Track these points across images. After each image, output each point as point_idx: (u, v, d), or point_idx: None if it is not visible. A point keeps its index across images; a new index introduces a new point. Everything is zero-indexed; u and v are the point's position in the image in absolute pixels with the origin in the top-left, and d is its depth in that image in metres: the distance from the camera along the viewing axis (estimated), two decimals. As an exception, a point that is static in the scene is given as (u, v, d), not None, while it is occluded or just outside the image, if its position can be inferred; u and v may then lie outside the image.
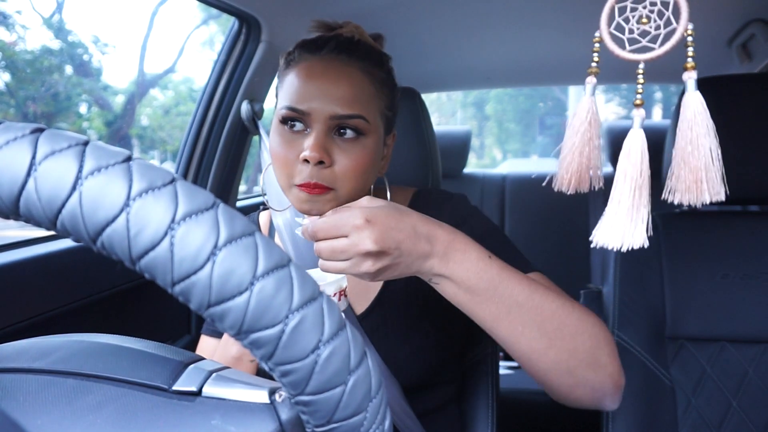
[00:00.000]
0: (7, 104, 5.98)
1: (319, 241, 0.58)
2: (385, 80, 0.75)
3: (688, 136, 0.35)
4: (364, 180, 0.72)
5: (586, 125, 0.36)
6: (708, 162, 0.35)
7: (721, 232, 1.00)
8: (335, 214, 0.58)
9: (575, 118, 0.37)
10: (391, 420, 0.28)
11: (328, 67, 0.70)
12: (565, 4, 1.24)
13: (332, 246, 0.57)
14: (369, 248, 0.56)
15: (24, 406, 0.29)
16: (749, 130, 0.94)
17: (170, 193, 0.24)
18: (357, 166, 0.69)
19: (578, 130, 0.36)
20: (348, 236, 0.56)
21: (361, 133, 0.70)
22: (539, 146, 18.18)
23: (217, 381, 0.29)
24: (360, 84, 0.70)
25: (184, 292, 0.24)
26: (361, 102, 0.70)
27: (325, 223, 0.57)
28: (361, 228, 0.56)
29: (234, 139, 1.35)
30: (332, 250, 0.57)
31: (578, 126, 0.36)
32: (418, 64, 1.73)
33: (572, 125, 0.37)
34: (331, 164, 0.69)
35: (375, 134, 0.72)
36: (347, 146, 0.69)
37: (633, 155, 0.35)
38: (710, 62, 1.59)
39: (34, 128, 0.24)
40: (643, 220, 0.35)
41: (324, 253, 0.58)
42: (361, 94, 0.70)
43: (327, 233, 0.57)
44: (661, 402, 0.94)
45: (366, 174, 0.72)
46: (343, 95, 0.69)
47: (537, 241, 2.10)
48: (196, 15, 11.86)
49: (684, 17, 0.32)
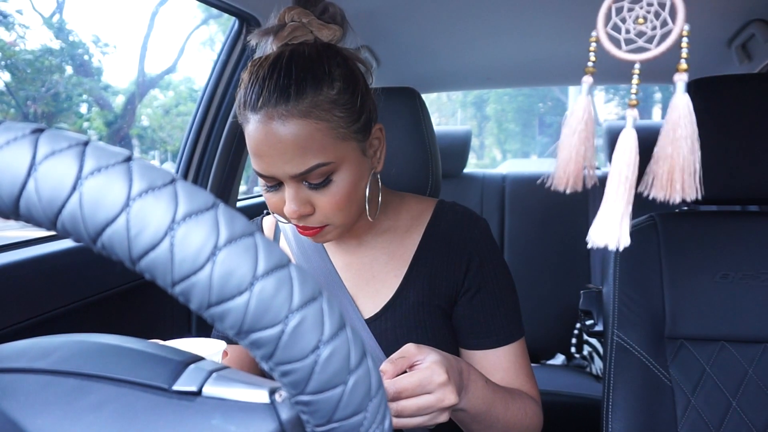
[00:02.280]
0: (7, 104, 5.98)
1: (401, 400, 0.59)
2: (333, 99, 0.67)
3: (670, 136, 0.35)
4: (354, 205, 0.72)
5: (583, 125, 0.37)
6: (687, 163, 0.35)
7: (721, 232, 1.00)
8: (417, 373, 0.60)
9: (572, 118, 0.37)
10: (391, 420, 0.28)
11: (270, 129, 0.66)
12: (565, 5, 1.24)
13: (418, 404, 0.59)
14: (453, 402, 0.59)
15: (24, 406, 0.29)
16: (749, 130, 0.94)
17: (170, 194, 0.24)
18: (340, 202, 0.70)
19: (576, 129, 0.37)
20: (432, 393, 0.59)
21: (329, 176, 0.68)
22: (539, 146, 18.19)
23: (218, 381, 0.29)
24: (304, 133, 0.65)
25: (185, 292, 0.24)
26: (313, 150, 0.66)
27: (410, 383, 0.59)
28: (445, 384, 0.59)
29: (234, 139, 1.35)
30: (419, 408, 0.59)
31: (575, 125, 0.37)
32: (418, 64, 1.73)
33: (569, 124, 0.37)
34: (313, 210, 0.70)
35: (345, 163, 0.69)
36: (322, 191, 0.69)
37: (626, 155, 0.35)
38: (710, 62, 1.59)
39: (34, 128, 0.24)
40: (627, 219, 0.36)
41: (409, 411, 0.59)
42: (310, 143, 0.66)
43: (413, 393, 0.59)
44: (661, 402, 0.94)
45: (353, 201, 0.72)
46: (292, 156, 0.66)
47: (537, 241, 2.09)
48: (196, 15, 11.88)
49: (680, 18, 0.33)
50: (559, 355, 2.01)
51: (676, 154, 0.35)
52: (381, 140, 0.77)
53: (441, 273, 0.80)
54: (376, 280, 0.82)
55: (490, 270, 0.80)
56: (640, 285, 0.99)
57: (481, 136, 18.36)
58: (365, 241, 0.83)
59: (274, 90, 0.66)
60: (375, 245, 0.83)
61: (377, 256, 0.82)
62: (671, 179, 0.35)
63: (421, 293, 0.79)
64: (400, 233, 0.83)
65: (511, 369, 0.79)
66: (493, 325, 0.79)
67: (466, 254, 0.79)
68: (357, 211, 0.74)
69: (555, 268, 2.06)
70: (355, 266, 0.83)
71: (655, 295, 0.98)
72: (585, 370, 1.90)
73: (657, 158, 0.36)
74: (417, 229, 0.83)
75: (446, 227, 0.82)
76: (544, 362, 2.01)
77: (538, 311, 1.96)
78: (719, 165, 0.94)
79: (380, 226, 0.83)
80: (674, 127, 0.35)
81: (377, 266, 0.82)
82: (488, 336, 0.79)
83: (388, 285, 0.81)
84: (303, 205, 0.69)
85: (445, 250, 0.80)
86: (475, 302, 0.79)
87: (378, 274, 0.82)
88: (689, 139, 0.35)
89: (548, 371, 1.89)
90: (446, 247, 0.80)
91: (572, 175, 0.37)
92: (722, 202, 0.97)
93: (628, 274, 1.00)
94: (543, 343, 2.02)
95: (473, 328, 0.80)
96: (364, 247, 0.83)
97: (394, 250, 0.82)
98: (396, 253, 0.82)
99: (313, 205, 0.70)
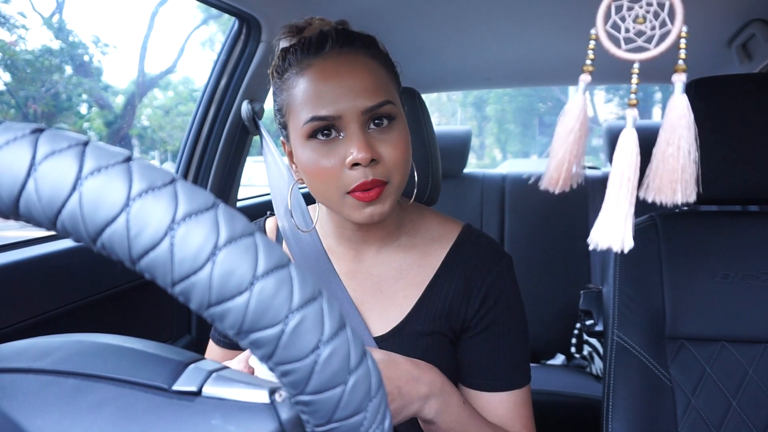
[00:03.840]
0: (7, 104, 5.98)
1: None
2: (387, 61, 0.73)
3: (669, 137, 0.35)
4: (409, 164, 0.71)
5: (576, 123, 0.36)
6: (685, 164, 0.35)
7: (721, 232, 1.00)
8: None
9: (567, 116, 0.36)
10: (391, 420, 0.28)
11: (341, 63, 0.67)
12: (565, 5, 1.24)
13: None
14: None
15: (24, 406, 0.29)
16: (749, 130, 0.94)
17: (170, 194, 0.24)
18: (403, 153, 0.68)
19: (572, 128, 0.36)
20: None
21: (393, 118, 0.68)
22: (539, 146, 18.20)
23: (217, 381, 0.29)
24: (375, 70, 0.69)
25: (185, 292, 0.24)
26: (383, 87, 0.69)
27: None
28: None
29: (234, 139, 1.35)
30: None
31: (572, 124, 0.36)
32: (418, 64, 1.73)
33: (564, 123, 0.37)
34: (380, 159, 0.67)
35: (402, 116, 0.71)
36: (386, 136, 0.68)
37: (627, 155, 0.35)
38: (710, 62, 1.59)
39: (34, 128, 0.24)
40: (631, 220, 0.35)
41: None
42: (380, 80, 0.69)
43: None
44: (661, 402, 0.94)
45: (409, 158, 0.71)
46: (367, 86, 0.66)
47: (537, 241, 2.09)
48: (196, 15, 11.88)
49: (679, 19, 0.33)
50: (559, 355, 2.01)
51: (675, 156, 0.35)
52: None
53: (455, 305, 0.75)
54: (384, 296, 0.77)
55: (503, 311, 0.75)
56: (640, 285, 0.99)
57: (481, 136, 18.37)
58: (379, 253, 0.79)
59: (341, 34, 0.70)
60: (387, 260, 0.79)
61: (387, 271, 0.78)
62: (671, 181, 0.35)
63: (431, 322, 0.75)
64: (417, 253, 0.78)
65: (507, 417, 0.74)
66: (494, 368, 0.75)
67: (483, 290, 0.75)
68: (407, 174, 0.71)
69: (555, 268, 2.06)
70: (360, 276, 0.79)
71: (655, 295, 0.98)
72: (585, 370, 1.90)
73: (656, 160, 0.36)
74: (437, 253, 0.78)
75: (469, 257, 0.77)
76: (544, 362, 2.01)
77: (538, 311, 1.96)
78: (719, 165, 0.94)
79: (397, 241, 0.79)
80: (673, 128, 0.35)
81: (385, 282, 0.78)
82: (486, 378, 0.75)
83: (398, 305, 0.77)
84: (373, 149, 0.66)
85: (464, 281, 0.76)
86: (478, 341, 0.75)
87: (386, 291, 0.78)
88: (688, 140, 0.35)
89: (548, 371, 1.89)
90: (465, 278, 0.76)
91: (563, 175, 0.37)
92: (722, 202, 0.97)
93: (628, 274, 1.00)
94: (543, 343, 2.02)
95: (471, 368, 0.76)
96: (376, 259, 0.79)
97: (408, 269, 0.78)
98: (409, 274, 0.78)
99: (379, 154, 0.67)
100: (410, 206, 0.81)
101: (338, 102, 0.65)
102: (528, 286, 1.98)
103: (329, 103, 0.65)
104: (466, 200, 2.21)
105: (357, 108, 0.65)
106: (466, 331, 0.76)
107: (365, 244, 0.79)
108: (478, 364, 0.75)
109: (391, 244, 0.79)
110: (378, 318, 0.77)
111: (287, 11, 1.20)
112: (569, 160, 0.36)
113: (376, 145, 0.67)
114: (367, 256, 0.79)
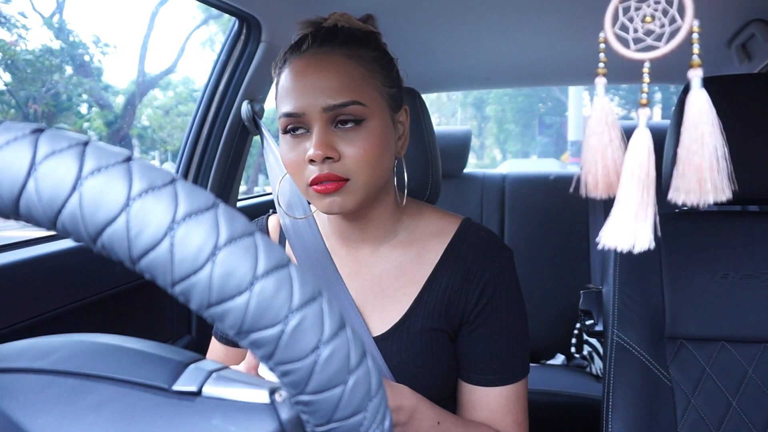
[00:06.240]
0: (7, 104, 5.98)
1: None
2: (376, 58, 0.72)
3: (693, 134, 0.34)
4: (379, 165, 0.70)
5: (604, 126, 0.35)
6: (713, 161, 0.34)
7: (721, 232, 1.00)
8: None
9: (591, 120, 0.36)
10: (391, 420, 0.28)
11: (310, 63, 0.69)
12: (565, 5, 1.24)
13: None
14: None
15: (24, 406, 0.29)
16: (748, 131, 0.94)
17: (170, 194, 0.24)
18: (366, 153, 0.68)
19: (595, 131, 0.35)
20: None
21: (362, 119, 0.68)
22: (539, 146, 18.21)
23: (217, 381, 0.29)
24: (345, 70, 0.68)
25: (185, 292, 0.24)
26: (351, 87, 0.68)
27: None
28: None
29: (234, 139, 1.35)
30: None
31: (595, 127, 0.35)
32: (418, 64, 1.73)
33: (589, 127, 0.36)
34: (339, 158, 0.67)
35: (378, 116, 0.70)
36: (350, 136, 0.68)
37: (639, 155, 0.34)
38: (710, 62, 1.59)
39: (34, 128, 0.24)
40: (650, 220, 0.34)
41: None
42: (349, 80, 0.68)
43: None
44: (661, 402, 0.94)
45: (379, 158, 0.70)
46: (330, 85, 0.67)
47: (537, 241, 2.09)
48: (196, 15, 11.88)
49: (689, 14, 0.32)
50: (559, 355, 2.01)
51: (700, 154, 0.33)
52: (405, 124, 0.78)
53: (454, 299, 0.75)
54: (384, 294, 0.77)
55: (501, 306, 0.75)
56: (640, 285, 0.99)
57: (481, 136, 18.37)
58: (378, 251, 0.79)
59: (323, 33, 0.71)
60: (387, 258, 0.79)
61: (388, 269, 0.78)
62: (700, 179, 0.34)
63: (430, 318, 0.75)
64: (416, 250, 0.78)
65: (498, 411, 0.74)
66: (491, 362, 0.75)
67: (482, 283, 0.75)
68: (380, 177, 0.71)
69: (555, 268, 2.06)
70: (362, 276, 0.79)
71: (655, 295, 0.98)
72: (585, 370, 1.90)
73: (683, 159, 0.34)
74: (435, 248, 0.78)
75: (467, 251, 0.77)
76: (544, 362, 2.01)
77: (538, 311, 1.96)
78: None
79: (396, 239, 0.79)
80: (695, 124, 0.34)
81: (387, 280, 0.78)
82: (483, 373, 0.75)
83: (398, 303, 0.76)
84: (329, 147, 0.67)
85: (462, 275, 0.75)
86: (476, 335, 0.75)
87: (387, 289, 0.77)
88: (712, 136, 0.33)
89: (548, 371, 1.89)
90: (464, 272, 0.76)
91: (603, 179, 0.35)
92: (722, 202, 0.97)
93: (628, 274, 1.00)
94: (543, 343, 2.02)
95: (469, 363, 0.76)
96: (375, 258, 0.79)
97: (407, 266, 0.78)
98: (408, 270, 0.77)
99: (339, 153, 0.67)
100: (408, 203, 0.81)
101: (302, 99, 0.68)
102: (528, 286, 1.97)
103: (294, 100, 0.68)
104: (466, 200, 2.21)
105: (318, 105, 0.67)
106: (464, 325, 0.76)
107: (362, 242, 0.79)
108: (476, 358, 0.75)
109: (389, 241, 0.79)
110: (379, 317, 0.77)
111: (287, 11, 1.20)
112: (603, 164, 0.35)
113: (338, 144, 0.68)
114: (365, 254, 0.79)
